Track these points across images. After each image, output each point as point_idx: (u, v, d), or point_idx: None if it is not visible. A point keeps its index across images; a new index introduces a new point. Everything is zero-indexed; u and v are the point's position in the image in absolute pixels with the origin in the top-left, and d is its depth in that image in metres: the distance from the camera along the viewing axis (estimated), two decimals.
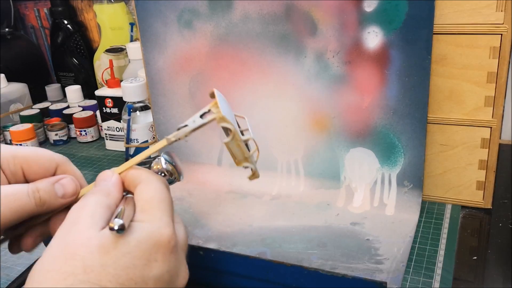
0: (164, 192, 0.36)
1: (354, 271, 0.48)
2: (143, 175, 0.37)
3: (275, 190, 0.64)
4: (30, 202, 0.35)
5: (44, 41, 1.19)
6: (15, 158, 0.37)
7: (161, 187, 0.37)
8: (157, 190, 0.36)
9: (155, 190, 0.36)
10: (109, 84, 0.84)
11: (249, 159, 0.42)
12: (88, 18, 1.09)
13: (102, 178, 0.38)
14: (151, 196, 0.35)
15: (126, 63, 0.94)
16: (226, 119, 0.39)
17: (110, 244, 0.31)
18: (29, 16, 1.18)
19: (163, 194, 0.36)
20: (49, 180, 0.37)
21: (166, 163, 0.41)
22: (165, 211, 0.35)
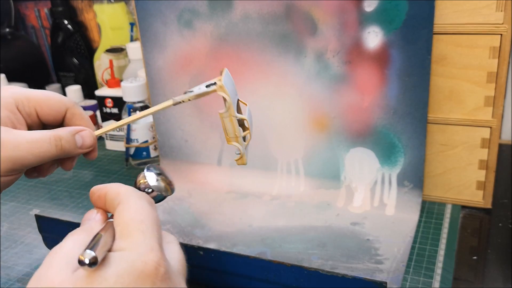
0: (145, 210, 0.32)
1: (354, 271, 0.48)
2: (121, 194, 0.33)
3: (275, 190, 0.64)
4: (51, 149, 0.38)
5: (44, 41, 1.19)
6: (29, 101, 0.39)
7: (142, 206, 0.32)
8: (138, 209, 0.31)
9: (135, 211, 0.31)
10: (109, 84, 0.84)
11: (239, 139, 0.44)
12: (88, 18, 1.09)
13: (87, 217, 0.35)
14: (130, 217, 0.31)
15: (126, 63, 0.94)
16: (224, 89, 0.41)
17: (84, 283, 0.27)
18: (29, 16, 1.18)
19: (144, 213, 0.31)
20: (70, 130, 0.40)
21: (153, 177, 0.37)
22: (147, 233, 0.30)
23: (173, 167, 0.71)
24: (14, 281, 0.52)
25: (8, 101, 0.38)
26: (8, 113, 0.38)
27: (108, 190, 0.34)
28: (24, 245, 0.58)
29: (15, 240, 0.60)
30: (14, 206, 0.68)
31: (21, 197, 0.71)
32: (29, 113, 0.39)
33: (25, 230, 0.62)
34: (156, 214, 0.33)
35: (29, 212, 0.66)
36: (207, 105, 0.67)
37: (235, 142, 0.44)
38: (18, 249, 0.58)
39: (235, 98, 0.42)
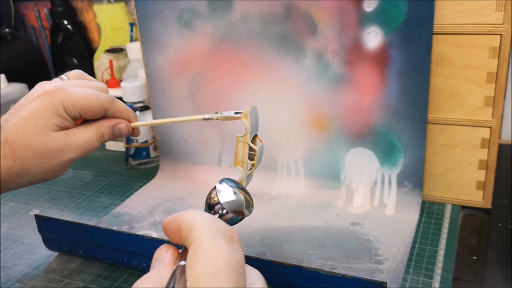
0: (220, 256, 0.26)
1: (354, 271, 0.48)
2: (194, 230, 0.28)
3: (275, 190, 0.64)
4: (97, 144, 0.47)
5: (44, 42, 1.19)
6: (74, 106, 0.45)
7: (216, 251, 0.27)
8: (210, 257, 0.26)
9: (207, 260, 0.26)
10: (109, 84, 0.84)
11: (244, 165, 0.48)
12: (88, 18, 1.09)
13: (156, 258, 0.33)
14: (201, 271, 0.26)
15: (126, 63, 0.94)
16: (248, 118, 0.47)
17: None
18: (29, 16, 1.18)
19: (218, 260, 0.26)
20: (110, 124, 0.48)
21: (226, 192, 0.34)
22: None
23: (173, 167, 0.71)
24: (14, 281, 0.52)
25: (58, 108, 0.44)
26: (60, 119, 0.44)
27: (182, 223, 0.30)
28: (24, 246, 0.58)
29: (15, 240, 0.60)
30: (14, 206, 0.68)
31: (21, 197, 0.71)
32: (75, 116, 0.46)
33: (25, 231, 0.62)
34: (237, 253, 0.27)
35: (29, 212, 0.66)
36: (207, 105, 0.67)
37: (240, 166, 0.49)
38: (18, 250, 0.58)
39: (254, 131, 0.48)
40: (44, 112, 0.44)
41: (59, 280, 0.51)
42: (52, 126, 0.44)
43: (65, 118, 0.45)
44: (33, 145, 0.43)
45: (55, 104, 0.44)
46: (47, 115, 0.44)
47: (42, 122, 0.44)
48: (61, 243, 0.55)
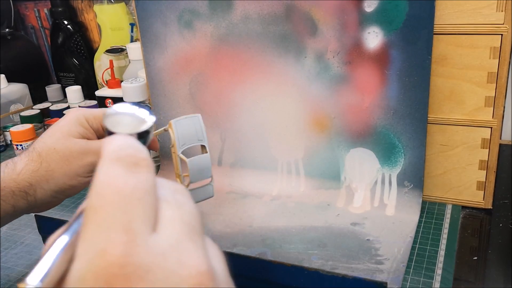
0: (111, 187, 0.21)
1: (355, 271, 0.48)
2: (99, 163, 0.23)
3: (275, 190, 0.64)
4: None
5: (44, 42, 1.19)
6: (95, 119, 0.50)
7: (107, 183, 0.21)
8: (99, 191, 0.21)
9: (96, 193, 0.21)
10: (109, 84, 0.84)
11: (180, 177, 0.49)
12: (89, 18, 1.09)
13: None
14: (89, 205, 0.21)
15: (126, 63, 0.94)
16: (172, 128, 0.48)
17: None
18: (29, 16, 1.18)
19: (106, 195, 0.21)
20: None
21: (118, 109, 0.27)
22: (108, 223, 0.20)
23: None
24: (14, 281, 0.52)
25: (82, 120, 0.50)
26: (83, 129, 0.49)
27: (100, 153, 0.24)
28: (24, 246, 0.58)
29: (15, 240, 0.60)
30: None
31: None
32: (97, 128, 0.51)
33: (25, 231, 0.61)
34: (135, 180, 0.22)
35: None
36: (207, 105, 0.67)
37: (177, 179, 0.49)
38: (18, 250, 0.58)
39: (192, 141, 0.49)
40: (69, 123, 0.50)
41: None
42: (75, 133, 0.49)
43: (88, 129, 0.50)
44: (58, 148, 0.48)
45: (79, 117, 0.50)
46: (71, 125, 0.49)
47: (66, 130, 0.49)
48: None
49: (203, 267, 0.20)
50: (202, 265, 0.20)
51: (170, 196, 0.23)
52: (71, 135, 0.49)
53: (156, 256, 0.20)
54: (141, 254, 0.19)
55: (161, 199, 0.22)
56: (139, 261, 0.19)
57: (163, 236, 0.21)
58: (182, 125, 0.48)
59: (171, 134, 0.48)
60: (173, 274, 0.20)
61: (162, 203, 0.22)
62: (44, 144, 0.49)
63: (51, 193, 0.49)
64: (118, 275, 0.19)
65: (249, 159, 0.67)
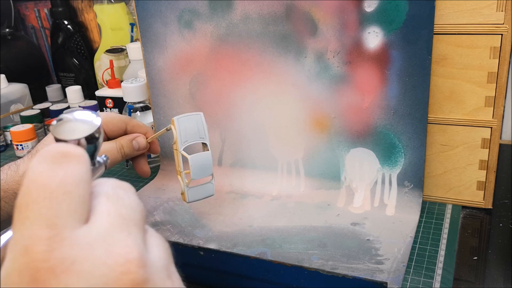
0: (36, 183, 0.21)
1: (355, 271, 0.48)
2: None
3: (276, 190, 0.64)
4: (118, 155, 0.53)
5: (44, 42, 1.19)
6: None
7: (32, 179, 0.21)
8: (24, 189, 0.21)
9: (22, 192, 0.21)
10: (109, 84, 0.84)
11: (182, 174, 0.49)
12: (89, 18, 1.09)
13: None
14: (16, 204, 0.21)
15: (126, 63, 0.94)
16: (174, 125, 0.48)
17: None
18: (29, 16, 1.18)
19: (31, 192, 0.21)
20: (129, 138, 0.54)
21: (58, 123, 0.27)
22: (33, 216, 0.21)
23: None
24: None
25: None
26: None
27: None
28: None
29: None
30: None
31: None
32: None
33: None
34: (60, 173, 0.21)
35: None
36: (207, 105, 0.67)
37: (179, 176, 0.50)
38: None
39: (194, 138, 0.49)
40: None
41: None
42: None
43: None
44: None
45: None
46: None
47: None
48: None
49: (131, 255, 0.20)
50: (131, 253, 0.20)
51: (112, 191, 0.23)
52: None
53: (83, 247, 0.20)
54: (65, 247, 0.20)
55: (101, 194, 0.23)
56: (63, 254, 0.19)
57: (93, 227, 0.21)
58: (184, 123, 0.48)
59: (173, 131, 0.48)
60: (100, 263, 0.20)
61: (101, 197, 0.23)
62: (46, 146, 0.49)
63: None
64: (42, 268, 0.19)
65: (249, 159, 0.67)
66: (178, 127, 0.48)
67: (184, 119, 0.49)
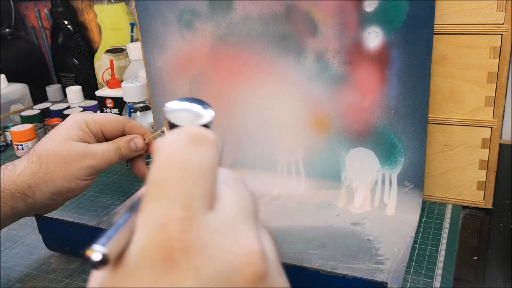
0: (176, 161, 0.22)
1: (355, 271, 0.48)
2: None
3: (276, 190, 0.64)
4: (115, 156, 0.53)
5: (44, 42, 1.19)
6: (95, 123, 0.52)
7: (171, 157, 0.22)
8: (162, 165, 0.22)
9: (159, 167, 0.22)
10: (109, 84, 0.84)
11: None
12: (89, 18, 1.09)
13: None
14: (152, 179, 0.22)
15: (126, 63, 0.94)
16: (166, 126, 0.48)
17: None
18: (29, 16, 1.18)
19: (171, 169, 0.21)
20: (126, 139, 0.54)
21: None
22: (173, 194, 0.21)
23: None
24: (14, 281, 0.52)
25: (81, 124, 0.51)
26: (82, 133, 0.51)
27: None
28: (24, 246, 0.58)
29: (15, 240, 0.60)
30: None
31: None
32: (96, 132, 0.53)
33: (25, 231, 0.61)
34: (199, 155, 0.22)
35: None
36: None
37: None
38: (18, 250, 0.58)
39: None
40: (68, 127, 0.51)
41: (59, 280, 0.51)
42: (75, 137, 0.51)
43: (87, 133, 0.52)
44: (57, 151, 0.49)
45: (79, 121, 0.52)
46: (71, 128, 0.51)
47: (66, 133, 0.51)
48: (62, 243, 0.55)
49: (255, 247, 0.21)
50: (255, 244, 0.21)
51: (232, 181, 0.24)
52: (71, 139, 0.51)
53: (212, 233, 0.20)
54: (198, 230, 0.20)
55: (222, 182, 0.23)
56: (196, 237, 0.20)
57: (220, 214, 0.21)
58: None
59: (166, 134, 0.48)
60: (228, 251, 0.20)
61: (223, 185, 0.23)
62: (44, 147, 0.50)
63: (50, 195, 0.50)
64: (176, 248, 0.19)
65: (249, 159, 0.67)
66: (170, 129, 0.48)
67: None
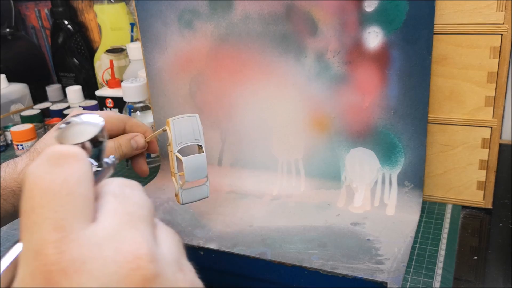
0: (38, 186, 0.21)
1: (355, 271, 0.48)
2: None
3: (276, 190, 0.64)
4: (116, 154, 0.52)
5: (44, 42, 1.19)
6: None
7: (33, 183, 0.21)
8: (27, 193, 0.21)
9: (25, 197, 0.21)
10: (109, 84, 0.84)
11: (176, 176, 0.49)
12: (89, 18, 1.10)
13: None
14: (21, 210, 0.21)
15: (126, 63, 0.94)
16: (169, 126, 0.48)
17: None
18: (29, 16, 1.18)
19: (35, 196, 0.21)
20: (127, 137, 0.54)
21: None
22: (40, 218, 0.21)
23: None
24: None
25: None
26: None
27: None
28: None
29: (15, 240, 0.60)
30: None
31: None
32: None
33: None
34: (63, 174, 0.21)
35: None
36: (207, 105, 0.67)
37: (173, 178, 0.50)
38: None
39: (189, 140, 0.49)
40: None
41: None
42: None
43: None
44: None
45: None
46: None
47: None
48: None
49: (140, 251, 0.20)
50: (140, 249, 0.21)
51: (118, 190, 0.24)
52: None
53: (92, 246, 0.20)
54: (74, 248, 0.20)
55: (107, 193, 0.23)
56: (73, 255, 0.20)
57: (100, 226, 0.21)
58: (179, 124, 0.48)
59: (168, 132, 0.48)
60: (110, 261, 0.20)
61: (108, 196, 0.23)
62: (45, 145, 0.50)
63: None
64: (54, 270, 0.19)
65: (249, 159, 0.67)
66: (173, 128, 0.48)
67: (179, 121, 0.49)
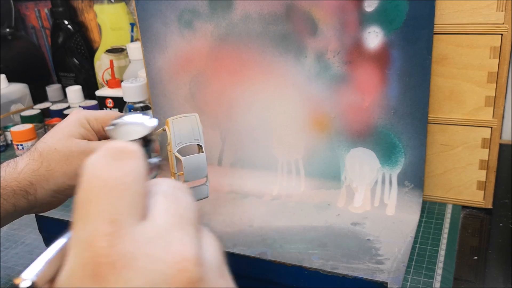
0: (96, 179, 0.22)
1: (355, 271, 0.48)
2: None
3: (276, 190, 0.64)
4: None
5: (44, 42, 1.19)
6: (97, 120, 0.51)
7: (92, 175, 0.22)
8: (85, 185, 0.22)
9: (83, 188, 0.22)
10: (109, 84, 0.84)
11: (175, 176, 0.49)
12: (89, 18, 1.09)
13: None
14: (77, 200, 0.22)
15: (126, 63, 0.94)
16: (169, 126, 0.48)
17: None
18: (29, 16, 1.18)
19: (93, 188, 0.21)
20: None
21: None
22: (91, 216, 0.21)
23: None
24: None
25: (83, 121, 0.51)
26: (84, 130, 0.51)
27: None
28: (25, 246, 0.58)
29: (15, 240, 0.60)
30: None
31: None
32: (98, 129, 0.52)
33: (25, 231, 0.62)
34: (121, 170, 0.22)
35: None
36: (207, 105, 0.67)
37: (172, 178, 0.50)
38: (19, 250, 0.58)
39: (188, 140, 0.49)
40: (70, 124, 0.51)
41: None
42: (76, 134, 0.50)
43: (88, 130, 0.51)
44: (59, 148, 0.49)
45: (80, 118, 0.51)
46: (72, 126, 0.51)
47: (67, 130, 0.50)
48: None
49: (188, 253, 0.21)
50: (188, 251, 0.21)
51: (169, 191, 0.24)
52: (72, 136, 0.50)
53: (142, 244, 0.20)
54: (126, 243, 0.20)
55: (158, 193, 0.23)
56: (124, 250, 0.20)
57: (151, 224, 0.21)
58: (179, 124, 0.48)
59: (167, 132, 0.48)
60: (158, 260, 0.20)
61: (159, 196, 0.23)
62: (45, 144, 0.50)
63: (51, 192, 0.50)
64: (104, 263, 0.19)
65: (249, 159, 0.67)
66: (172, 128, 0.48)
67: (179, 121, 0.49)
